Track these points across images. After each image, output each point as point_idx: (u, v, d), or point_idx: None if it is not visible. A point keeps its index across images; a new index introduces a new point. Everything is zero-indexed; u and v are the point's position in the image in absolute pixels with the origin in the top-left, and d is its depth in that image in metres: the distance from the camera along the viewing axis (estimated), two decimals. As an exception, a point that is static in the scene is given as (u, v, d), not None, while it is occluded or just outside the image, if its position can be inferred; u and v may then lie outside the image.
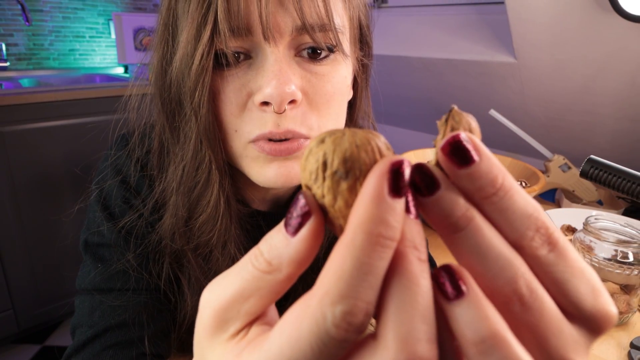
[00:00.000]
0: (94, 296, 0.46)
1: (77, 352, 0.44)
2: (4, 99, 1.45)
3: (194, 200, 0.44)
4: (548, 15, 1.03)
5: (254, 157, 0.41)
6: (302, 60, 0.40)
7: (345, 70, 0.43)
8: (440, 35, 1.40)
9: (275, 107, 0.37)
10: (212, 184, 0.42)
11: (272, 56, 0.38)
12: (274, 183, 0.42)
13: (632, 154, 1.21)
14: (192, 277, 0.48)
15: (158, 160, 0.47)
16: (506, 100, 1.34)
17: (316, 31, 0.38)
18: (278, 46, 0.38)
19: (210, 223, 0.44)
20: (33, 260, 1.64)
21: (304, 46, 0.40)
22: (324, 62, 0.41)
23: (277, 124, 0.39)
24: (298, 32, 0.38)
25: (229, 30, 0.36)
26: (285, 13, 0.37)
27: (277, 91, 0.36)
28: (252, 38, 0.37)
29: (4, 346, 1.70)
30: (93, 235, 0.48)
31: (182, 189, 0.44)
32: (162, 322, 0.48)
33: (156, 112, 0.45)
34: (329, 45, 0.40)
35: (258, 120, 0.39)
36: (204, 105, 0.38)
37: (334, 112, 0.43)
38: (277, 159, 0.41)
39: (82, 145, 1.65)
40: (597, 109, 1.16)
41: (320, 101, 0.41)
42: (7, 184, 1.51)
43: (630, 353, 0.56)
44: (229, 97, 0.39)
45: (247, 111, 0.40)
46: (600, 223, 0.64)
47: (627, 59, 1.01)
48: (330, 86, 0.41)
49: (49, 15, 2.06)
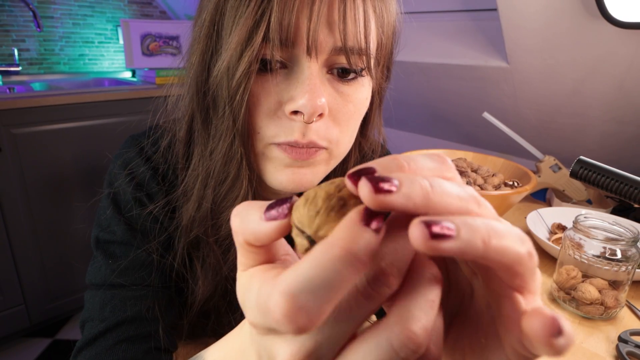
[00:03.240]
0: (105, 291, 0.46)
1: (88, 345, 0.44)
2: (17, 102, 1.45)
3: (222, 193, 0.44)
4: (539, 22, 1.03)
5: (273, 157, 0.42)
6: (332, 78, 0.41)
7: (367, 92, 0.44)
8: (435, 41, 1.40)
9: (305, 117, 0.38)
10: (242, 178, 0.43)
11: (308, 70, 0.38)
12: (284, 187, 0.42)
13: (620, 154, 1.22)
14: (206, 262, 0.48)
15: (184, 150, 0.48)
16: (499, 103, 1.34)
17: (354, 54, 0.39)
18: (316, 62, 0.38)
19: None
20: (44, 257, 1.64)
21: (337, 65, 0.40)
22: (351, 83, 0.42)
23: (302, 134, 0.40)
24: (336, 52, 0.39)
25: (278, 40, 0.36)
26: (329, 33, 0.38)
27: (310, 103, 0.37)
28: (294, 51, 0.38)
29: (16, 340, 1.70)
30: (104, 233, 0.48)
31: (211, 181, 0.44)
32: (171, 316, 0.48)
33: (189, 104, 0.45)
34: (358, 69, 0.41)
35: (286, 128, 0.40)
36: (244, 105, 0.39)
37: (352, 129, 0.44)
38: (293, 165, 0.42)
39: (91, 146, 1.65)
40: (586, 111, 1.16)
41: (342, 119, 0.42)
42: (19, 183, 1.51)
43: (618, 346, 0.56)
44: (260, 100, 0.40)
45: (275, 117, 0.40)
46: (589, 221, 0.64)
47: (614, 63, 1.01)
48: (352, 106, 0.42)
49: (60, 22, 2.06)
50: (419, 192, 0.16)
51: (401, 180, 0.16)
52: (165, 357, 0.46)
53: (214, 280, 0.49)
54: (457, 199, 0.17)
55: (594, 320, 0.63)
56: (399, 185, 0.16)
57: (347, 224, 0.16)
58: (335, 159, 0.45)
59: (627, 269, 0.60)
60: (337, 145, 0.43)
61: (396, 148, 1.46)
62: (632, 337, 0.57)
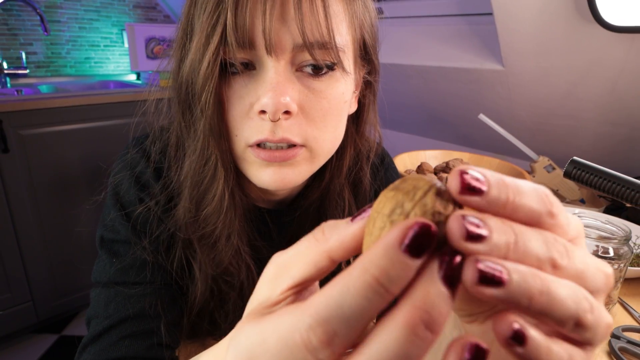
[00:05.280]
0: (109, 289, 0.46)
1: (93, 341, 0.44)
2: (24, 104, 1.45)
3: (201, 193, 0.44)
4: (534, 26, 1.03)
5: (251, 161, 0.42)
6: (302, 76, 0.40)
7: (344, 87, 0.43)
8: (432, 45, 1.40)
9: (270, 116, 0.38)
10: (217, 179, 0.43)
11: (272, 70, 0.38)
12: (268, 185, 0.42)
13: (613, 155, 1.21)
14: (201, 263, 0.48)
15: (175, 153, 0.48)
16: (494, 106, 1.34)
17: (315, 49, 0.38)
18: (280, 61, 0.38)
19: (215, 215, 0.44)
20: (51, 255, 1.64)
21: (305, 62, 0.39)
22: (323, 79, 0.40)
23: (272, 132, 0.39)
24: (299, 49, 0.38)
25: (235, 42, 0.36)
26: (287, 30, 0.37)
27: (272, 101, 0.37)
28: (255, 51, 0.38)
29: (24, 335, 1.70)
30: (108, 232, 0.48)
31: (191, 182, 0.44)
32: (174, 313, 0.48)
33: (174, 109, 0.46)
34: (328, 63, 0.40)
35: (257, 127, 0.40)
36: (210, 107, 0.39)
37: (330, 125, 0.43)
38: (273, 164, 0.41)
39: (97, 147, 1.65)
40: (580, 113, 1.16)
41: (317, 115, 0.41)
42: (26, 183, 1.51)
43: (611, 342, 0.56)
44: (232, 103, 0.40)
45: (248, 118, 0.40)
46: (582, 220, 0.63)
47: (607, 66, 1.01)
48: (326, 102, 0.41)
49: (66, 26, 2.06)
50: (502, 248, 0.15)
51: (492, 229, 0.15)
52: (167, 352, 0.46)
53: (205, 280, 0.49)
54: (535, 259, 0.16)
55: (587, 317, 0.63)
56: (488, 236, 0.15)
57: (387, 246, 0.15)
58: (319, 157, 0.44)
59: (619, 266, 0.60)
60: (316, 143, 0.42)
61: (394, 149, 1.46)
62: (624, 333, 0.57)
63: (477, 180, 0.16)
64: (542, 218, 0.17)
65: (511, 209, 0.16)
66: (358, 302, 0.14)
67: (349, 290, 0.15)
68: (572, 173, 0.63)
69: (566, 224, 0.17)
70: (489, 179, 0.16)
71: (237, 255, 0.48)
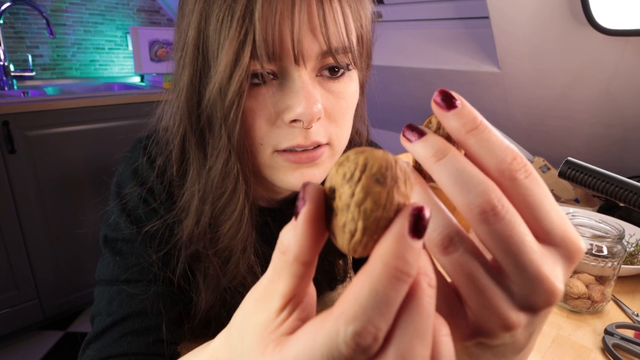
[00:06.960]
0: (113, 287, 0.46)
1: (97, 338, 0.44)
2: (30, 105, 1.45)
3: (220, 208, 0.43)
4: (529, 29, 1.03)
5: (279, 166, 0.42)
6: (322, 79, 0.41)
7: (356, 85, 0.44)
8: (430, 47, 1.40)
9: (305, 124, 0.38)
10: (238, 193, 0.42)
11: (299, 79, 0.38)
12: (296, 187, 0.42)
13: (606, 155, 1.21)
14: (208, 275, 0.47)
15: (178, 168, 0.46)
16: (491, 107, 1.34)
17: (339, 53, 0.39)
18: (305, 69, 0.38)
19: (234, 229, 0.44)
20: (57, 253, 1.64)
21: (325, 67, 0.40)
22: (341, 80, 0.42)
23: (304, 137, 0.40)
24: (323, 56, 0.38)
25: (266, 56, 0.36)
26: (313, 39, 0.37)
27: (307, 111, 0.37)
28: (283, 62, 0.38)
29: (30, 332, 1.70)
30: (112, 231, 0.48)
31: (209, 197, 0.43)
32: (176, 311, 0.48)
33: (180, 125, 0.44)
34: (345, 64, 0.41)
35: (286, 134, 0.40)
36: (238, 123, 0.38)
37: (348, 122, 0.44)
38: (302, 166, 0.41)
39: (102, 148, 1.65)
40: (574, 114, 1.16)
41: (337, 115, 0.42)
42: (33, 183, 1.51)
43: (605, 339, 0.56)
44: (257, 113, 0.39)
45: (275, 127, 0.40)
46: (577, 219, 0.63)
47: (601, 69, 1.00)
48: (345, 102, 0.42)
49: (72, 29, 2.06)
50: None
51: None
52: (169, 349, 0.46)
53: (214, 292, 0.48)
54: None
55: (582, 313, 0.63)
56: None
57: (396, 239, 0.16)
58: (338, 153, 0.45)
59: (612, 264, 0.60)
60: (338, 140, 0.43)
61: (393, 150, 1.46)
62: (618, 329, 0.57)
63: (455, 98, 0.20)
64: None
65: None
66: (390, 295, 0.15)
67: (378, 289, 0.15)
68: (566, 173, 0.63)
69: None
70: (463, 103, 0.20)
71: (250, 266, 0.48)
